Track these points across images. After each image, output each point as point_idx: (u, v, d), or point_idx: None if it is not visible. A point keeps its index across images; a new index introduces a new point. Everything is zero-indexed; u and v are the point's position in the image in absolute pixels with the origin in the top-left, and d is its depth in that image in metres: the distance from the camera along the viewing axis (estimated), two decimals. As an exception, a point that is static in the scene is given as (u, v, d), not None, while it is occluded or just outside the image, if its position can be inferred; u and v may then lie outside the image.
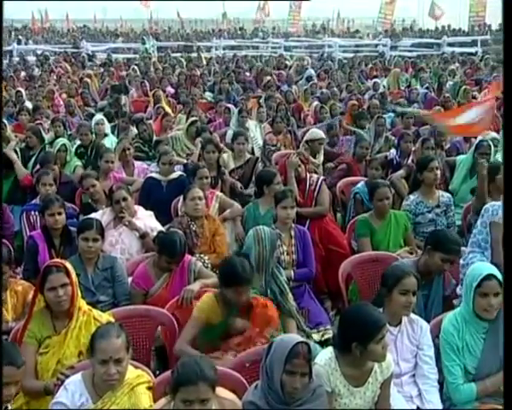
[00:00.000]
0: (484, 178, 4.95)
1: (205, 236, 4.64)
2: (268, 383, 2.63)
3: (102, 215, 4.65)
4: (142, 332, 3.59)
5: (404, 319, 3.22)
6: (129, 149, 6.41)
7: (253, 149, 7.71)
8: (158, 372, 3.34)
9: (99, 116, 7.86)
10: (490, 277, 3.11)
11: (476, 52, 19.19)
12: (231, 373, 2.95)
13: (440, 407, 3.10)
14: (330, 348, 2.91)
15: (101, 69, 15.30)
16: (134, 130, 7.72)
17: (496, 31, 24.11)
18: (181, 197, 5.01)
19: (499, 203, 4.00)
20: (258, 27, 32.34)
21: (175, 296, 3.79)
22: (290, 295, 3.87)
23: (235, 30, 32.58)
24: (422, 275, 3.46)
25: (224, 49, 21.50)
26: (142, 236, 4.58)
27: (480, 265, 3.34)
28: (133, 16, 39.60)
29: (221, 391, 2.60)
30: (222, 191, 5.66)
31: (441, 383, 3.20)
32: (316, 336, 3.96)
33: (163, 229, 4.57)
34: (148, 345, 3.61)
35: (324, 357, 2.87)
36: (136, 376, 2.78)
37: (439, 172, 5.00)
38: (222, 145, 6.73)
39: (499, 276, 3.14)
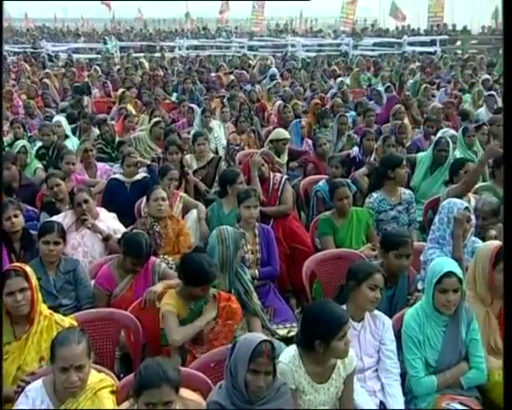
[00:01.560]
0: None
1: (169, 236, 4.62)
2: (232, 382, 2.63)
3: (64, 218, 4.59)
4: (105, 335, 3.55)
5: (367, 314, 3.26)
6: (91, 150, 6.34)
7: (216, 148, 7.72)
8: (122, 376, 3.31)
9: (57, 118, 7.75)
10: (449, 274, 3.17)
11: (435, 51, 19.55)
12: (195, 374, 2.94)
13: (402, 400, 3.15)
14: (294, 346, 2.93)
15: (63, 70, 15.06)
16: (96, 131, 7.63)
17: (454, 31, 24.67)
18: (144, 198, 4.97)
19: (455, 200, 4.08)
20: (221, 27, 32.28)
21: (139, 298, 3.75)
22: (255, 294, 3.88)
23: (199, 30, 32.47)
24: (388, 277, 3.52)
25: (187, 49, 21.38)
26: (106, 238, 4.53)
27: (440, 261, 3.40)
28: (95, 16, 39.04)
29: (185, 392, 2.59)
30: (186, 192, 5.64)
31: (403, 376, 3.25)
32: (281, 334, 3.98)
33: (126, 230, 4.53)
34: (112, 348, 3.57)
35: (288, 355, 2.88)
36: (99, 380, 2.75)
37: (404, 170, 5.06)
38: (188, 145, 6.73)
39: (459, 272, 3.21)
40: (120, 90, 10.36)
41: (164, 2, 36.03)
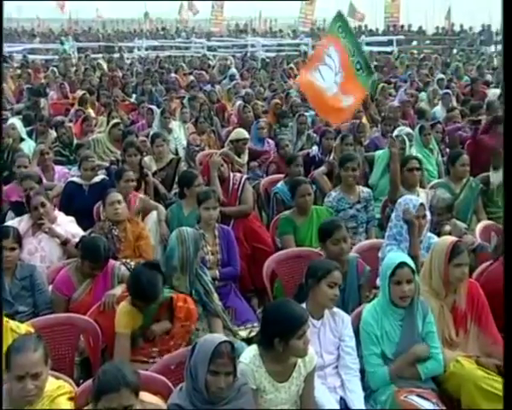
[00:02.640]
0: (396, 169, 5.14)
1: (128, 239, 4.57)
2: (192, 384, 2.62)
3: (20, 223, 4.50)
4: (64, 341, 3.49)
5: (327, 312, 3.29)
6: (48, 153, 6.22)
7: (176, 149, 7.69)
8: (81, 381, 3.26)
9: (11, 120, 7.58)
10: (402, 264, 3.24)
11: (392, 51, 19.90)
12: (156, 377, 2.92)
13: (362, 395, 3.19)
14: (254, 346, 2.94)
15: (18, 71, 14.73)
16: (53, 133, 7.49)
17: (410, 31, 25.17)
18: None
19: (411, 197, 4.17)
20: (180, 28, 32.11)
21: (99, 302, 3.71)
22: (215, 295, 3.88)
23: (158, 30, 32.23)
24: None
25: (146, 49, 21.20)
26: (64, 242, 4.46)
27: (392, 255, 3.48)
28: (51, 16, 38.26)
29: (145, 396, 2.57)
30: (145, 194, 5.60)
31: (363, 372, 3.30)
32: (242, 334, 3.99)
33: (84, 234, 4.47)
34: (71, 354, 3.51)
35: (249, 355, 2.89)
36: (57, 387, 2.70)
37: (357, 172, 5.11)
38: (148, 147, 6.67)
39: (411, 263, 3.29)
40: (80, 92, 10.20)
41: (122, 2, 35.56)
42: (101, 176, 5.79)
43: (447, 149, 7.10)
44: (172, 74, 14.01)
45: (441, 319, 3.41)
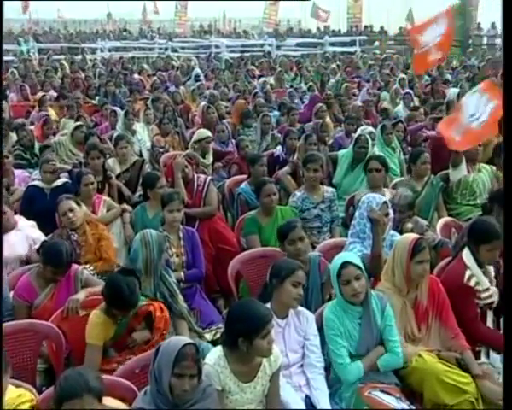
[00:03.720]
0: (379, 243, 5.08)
1: (88, 243, 4.51)
2: (157, 387, 2.60)
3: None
4: (26, 348, 3.43)
5: (291, 311, 3.31)
6: (7, 157, 6.09)
7: (140, 151, 7.62)
8: (44, 389, 3.20)
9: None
10: (345, 264, 3.28)
11: (355, 51, 20.13)
12: (120, 381, 2.89)
13: (327, 393, 3.22)
14: (219, 347, 2.93)
15: (-24, 73, 14.36)
16: (14, 136, 7.34)
17: (372, 32, 25.48)
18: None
19: (374, 195, 4.23)
20: (144, 28, 31.83)
21: (62, 307, 3.66)
22: (180, 297, 3.87)
23: (121, 31, 31.88)
24: None
25: (109, 50, 20.94)
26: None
27: (338, 256, 3.50)
28: (11, 16, 37.46)
29: (108, 401, 2.54)
30: (110, 196, 5.54)
31: (327, 369, 3.32)
32: (208, 336, 3.99)
33: (46, 239, 4.40)
34: (33, 361, 3.45)
35: (213, 356, 2.89)
36: (18, 395, 2.65)
37: (319, 173, 5.12)
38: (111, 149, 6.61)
39: (356, 260, 3.33)
40: (39, 94, 10.01)
41: (84, 2, 35.02)
42: (63, 179, 5.69)
43: (409, 148, 7.21)
44: (136, 76, 13.89)
45: (404, 315, 3.46)
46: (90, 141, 6.40)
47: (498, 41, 22.78)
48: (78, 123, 7.40)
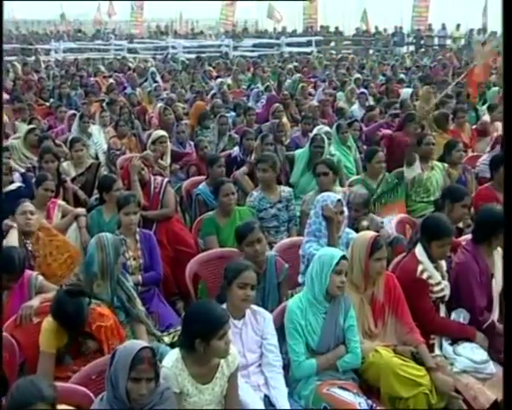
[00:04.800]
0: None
1: (43, 252, 4.41)
2: (113, 392, 2.57)
3: None
4: (-23, 358, 3.33)
5: (248, 311, 3.31)
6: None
7: (97, 154, 7.52)
8: (-3, 399, 3.13)
9: None
10: (345, 256, 3.40)
11: (311, 52, 20.32)
12: (76, 388, 2.84)
13: (286, 391, 3.24)
14: (177, 349, 2.92)
15: None
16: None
17: (328, 32, 25.79)
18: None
19: (329, 193, 4.28)
20: (100, 29, 31.36)
21: (15, 315, 3.57)
22: (138, 300, 3.82)
23: (76, 32, 31.32)
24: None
25: (64, 51, 20.55)
26: None
27: (328, 249, 3.59)
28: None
29: (64, 408, 2.50)
30: (64, 200, 5.44)
31: (286, 368, 3.35)
32: (167, 339, 3.95)
33: None
34: (-14, 371, 3.36)
35: (171, 359, 2.87)
36: (-31, 406, 2.58)
37: (269, 173, 5.14)
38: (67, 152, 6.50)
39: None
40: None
41: (37, 2, 34.26)
42: (17, 183, 5.57)
43: (364, 147, 7.32)
44: (91, 77, 13.69)
45: (361, 311, 3.52)
46: (45, 144, 6.27)
47: (449, 42, 23.40)
48: (32, 126, 7.26)
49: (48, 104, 10.53)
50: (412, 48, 23.02)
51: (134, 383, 2.54)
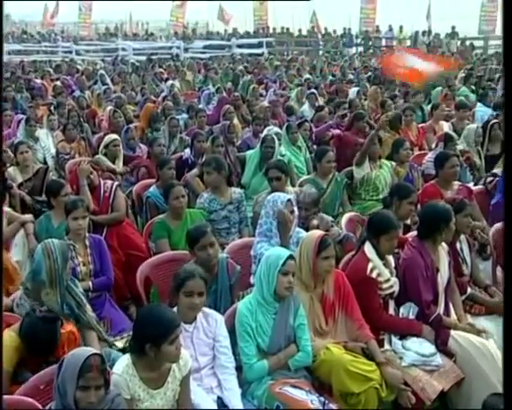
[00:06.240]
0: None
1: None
2: (62, 402, 2.52)
3: None
4: None
5: (200, 314, 3.30)
6: None
7: (45, 158, 7.37)
8: None
9: None
10: (291, 257, 3.41)
11: (262, 53, 20.43)
12: (23, 400, 2.75)
13: (239, 392, 3.24)
14: (127, 355, 2.89)
15: None
16: None
17: (278, 33, 26.00)
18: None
19: (279, 194, 4.32)
20: (46, 31, 30.65)
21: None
22: (88, 307, 3.76)
23: (21, 33, 30.51)
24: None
25: (9, 53, 20.00)
26: None
27: (277, 249, 3.59)
28: None
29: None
30: (11, 207, 5.30)
31: (239, 369, 3.35)
32: (119, 344, 3.89)
33: None
34: None
35: (121, 365, 2.84)
36: None
37: (212, 176, 5.10)
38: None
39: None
40: None
41: (-21, 3, 33.16)
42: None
43: (315, 146, 7.41)
44: (38, 80, 13.38)
45: (311, 309, 3.56)
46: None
47: (395, 43, 23.93)
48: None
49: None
50: (361, 49, 23.44)
51: (82, 392, 2.49)
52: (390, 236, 3.74)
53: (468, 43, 21.22)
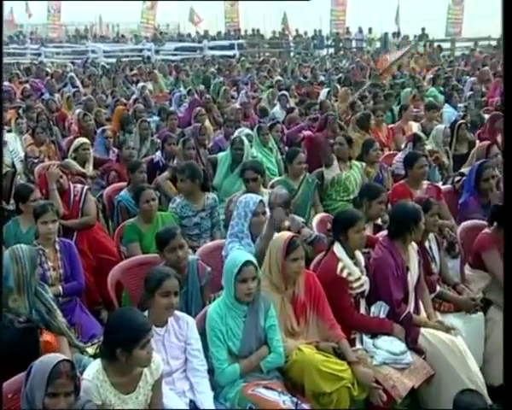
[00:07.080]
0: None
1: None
2: (30, 409, 2.48)
3: None
4: None
5: (171, 317, 3.29)
6: None
7: (13, 162, 7.25)
8: None
9: None
10: (247, 263, 3.35)
11: (234, 55, 20.45)
12: (-11, 409, 2.72)
13: (211, 395, 3.24)
14: (98, 360, 2.86)
15: None
16: None
17: (250, 35, 26.07)
18: None
19: (251, 195, 4.33)
20: (14, 32, 30.16)
21: None
22: (58, 312, 3.71)
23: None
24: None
25: (-27, 56, 19.60)
26: None
27: (236, 253, 3.58)
28: None
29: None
30: (-24, 212, 5.21)
31: (211, 372, 3.35)
32: (90, 350, 3.83)
33: None
34: None
35: (92, 370, 2.81)
36: None
37: (186, 184, 5.06)
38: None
39: (254, 260, 3.42)
40: None
41: None
42: None
43: (286, 148, 7.44)
44: (6, 83, 13.15)
45: (283, 311, 3.56)
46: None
47: (365, 44, 24.19)
48: None
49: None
50: (331, 50, 23.62)
51: (51, 399, 2.47)
52: (357, 227, 3.78)
53: (435, 44, 21.54)
